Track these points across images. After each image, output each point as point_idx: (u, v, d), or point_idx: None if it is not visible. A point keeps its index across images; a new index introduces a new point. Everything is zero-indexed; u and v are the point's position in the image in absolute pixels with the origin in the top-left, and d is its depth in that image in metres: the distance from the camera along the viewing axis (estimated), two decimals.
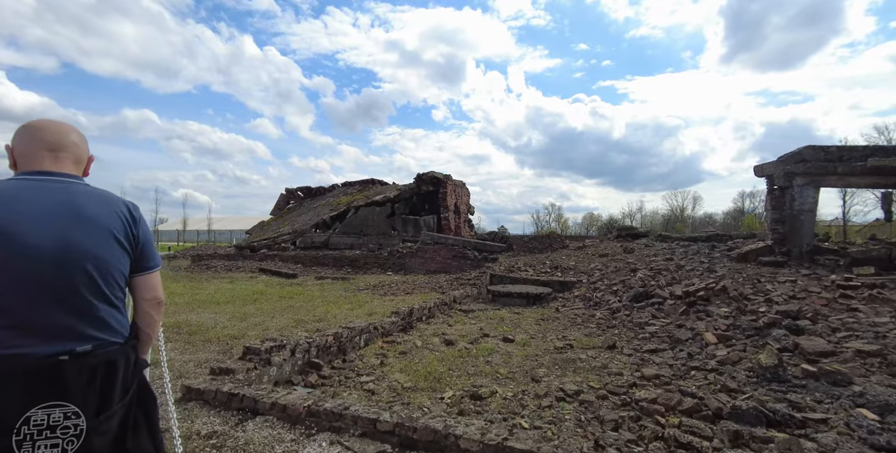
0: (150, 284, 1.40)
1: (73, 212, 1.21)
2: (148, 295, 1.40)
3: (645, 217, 67.43)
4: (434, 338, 5.41)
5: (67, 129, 1.36)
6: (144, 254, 1.37)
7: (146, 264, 1.38)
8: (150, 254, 1.39)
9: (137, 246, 1.34)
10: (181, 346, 4.90)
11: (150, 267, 1.40)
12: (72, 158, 1.34)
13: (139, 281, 1.38)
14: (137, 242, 1.34)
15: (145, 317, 1.41)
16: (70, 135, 1.35)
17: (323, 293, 9.76)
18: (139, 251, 1.35)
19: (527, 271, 10.70)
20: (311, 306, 7.86)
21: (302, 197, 25.07)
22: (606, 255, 11.15)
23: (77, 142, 1.37)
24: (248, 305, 7.94)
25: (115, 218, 1.28)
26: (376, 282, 12.00)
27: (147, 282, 1.40)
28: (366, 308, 7.70)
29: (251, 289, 10.27)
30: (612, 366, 4.18)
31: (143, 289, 1.39)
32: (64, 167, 1.30)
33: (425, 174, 17.92)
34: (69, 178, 1.29)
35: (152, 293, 1.41)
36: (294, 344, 3.94)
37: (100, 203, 1.27)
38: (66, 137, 1.34)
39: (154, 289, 1.41)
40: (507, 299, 8.37)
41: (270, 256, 17.56)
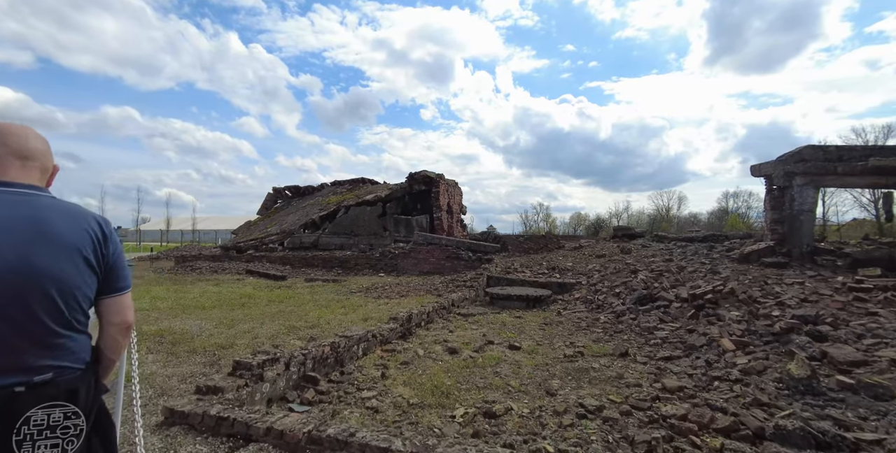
0: (119, 307, 1.29)
1: (36, 228, 1.10)
2: (116, 319, 1.29)
3: (631, 217, 68.14)
4: (436, 345, 5.13)
5: (34, 135, 1.24)
6: (114, 275, 1.26)
7: (115, 285, 1.27)
8: (121, 274, 1.29)
9: (107, 266, 1.23)
10: (163, 358, 4.53)
11: (120, 288, 1.29)
12: (39, 167, 1.23)
13: (107, 303, 1.27)
14: (107, 262, 1.23)
15: (111, 341, 1.31)
16: (37, 141, 1.24)
17: (314, 296, 9.40)
18: (108, 271, 1.24)
19: (524, 273, 10.48)
20: (302, 311, 7.51)
21: (290, 196, 24.52)
22: (604, 256, 10.99)
23: (44, 150, 1.25)
24: (235, 310, 7.55)
25: (84, 235, 1.17)
26: (369, 283, 11.66)
27: (116, 304, 1.28)
28: (360, 312, 7.38)
29: (238, 293, 9.86)
30: (629, 376, 3.95)
31: (111, 312, 1.28)
32: (30, 177, 1.19)
33: (418, 173, 17.61)
34: (34, 190, 1.18)
35: (121, 317, 1.30)
36: (288, 357, 3.62)
37: (67, 218, 1.17)
38: (34, 143, 1.22)
39: (123, 312, 1.30)
40: (506, 302, 8.12)
41: (258, 257, 17.07)
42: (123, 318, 1.30)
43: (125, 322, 1.31)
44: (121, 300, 1.29)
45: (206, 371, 4.09)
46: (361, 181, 22.71)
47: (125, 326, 1.31)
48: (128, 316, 1.31)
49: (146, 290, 10.01)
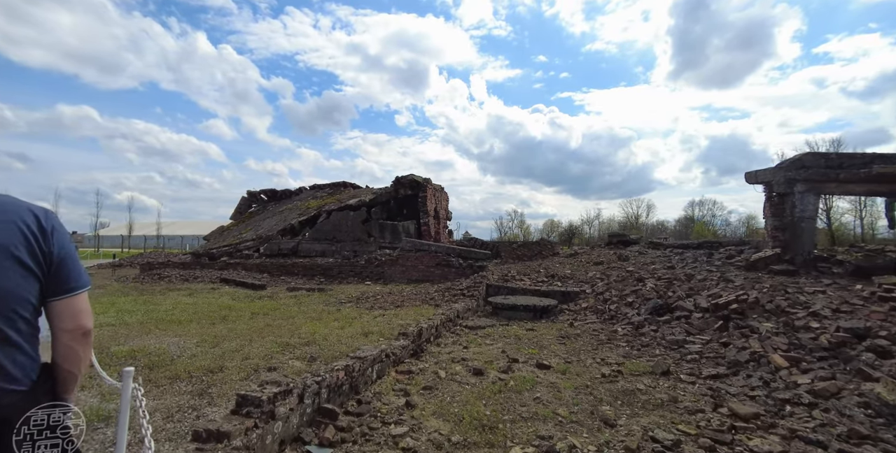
0: (72, 311, 1.14)
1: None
2: (69, 324, 1.13)
3: (602, 224, 69.77)
4: (455, 365, 4.60)
5: None
6: (62, 274, 1.12)
7: (66, 286, 1.13)
8: (71, 272, 1.13)
9: (51, 264, 1.09)
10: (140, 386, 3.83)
11: (72, 288, 1.14)
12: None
13: (57, 307, 1.12)
14: (50, 260, 1.09)
15: (66, 351, 1.14)
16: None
17: (301, 308, 8.69)
18: (54, 270, 1.10)
19: (523, 281, 10.08)
20: (292, 325, 6.83)
21: (266, 200, 23.42)
22: (602, 263, 10.73)
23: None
24: (217, 324, 6.79)
25: (14, 231, 1.04)
26: (357, 293, 10.99)
27: (68, 308, 1.13)
28: (357, 326, 6.76)
29: (216, 304, 9.02)
30: (684, 400, 3.55)
31: (63, 317, 1.13)
32: None
33: (404, 177, 17.06)
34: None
35: (76, 322, 1.14)
36: (302, 387, 3.03)
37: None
38: None
39: (77, 316, 1.14)
40: (511, 312, 7.67)
41: (232, 264, 16.06)
42: (78, 323, 1.13)
43: (80, 327, 1.14)
44: (73, 302, 1.13)
45: (195, 403, 3.44)
46: (343, 185, 21.92)
47: (81, 332, 1.14)
48: (82, 320, 1.14)
49: (111, 302, 9.03)
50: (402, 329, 5.77)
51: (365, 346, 4.35)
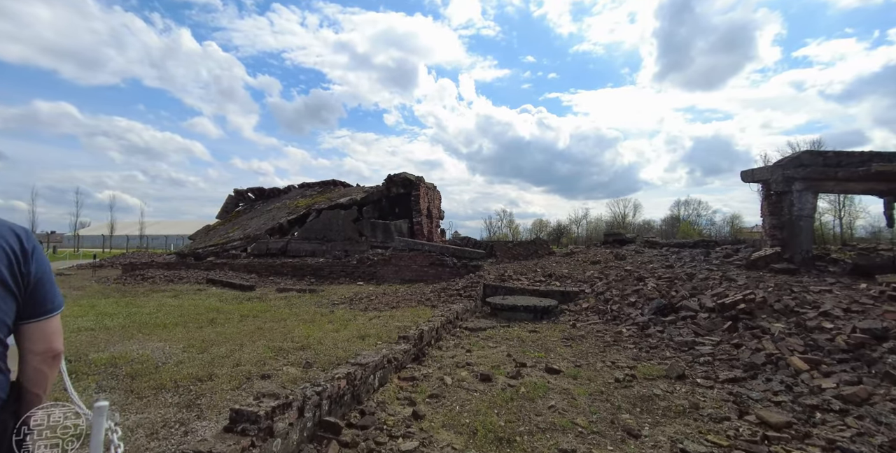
0: (43, 334, 1.09)
1: None
2: (39, 347, 1.08)
3: (590, 223, 70.48)
4: (460, 370, 4.38)
5: None
6: (37, 296, 1.08)
7: (40, 309, 1.08)
8: (46, 295, 1.10)
9: (28, 285, 1.05)
10: (122, 398, 3.52)
11: (46, 311, 1.09)
12: None
13: (30, 329, 1.07)
14: (28, 280, 1.05)
15: (35, 374, 1.09)
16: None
17: (293, 310, 8.37)
18: (31, 291, 1.06)
19: (520, 280, 9.89)
20: (284, 328, 6.53)
21: (253, 199, 22.88)
22: (599, 262, 10.61)
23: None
24: (204, 328, 6.46)
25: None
26: (350, 293, 10.69)
27: (40, 330, 1.08)
28: (352, 328, 6.49)
29: (203, 306, 8.65)
30: (706, 406, 3.37)
31: (34, 339, 1.08)
32: None
33: (397, 175, 16.77)
34: None
35: (46, 345, 1.09)
36: (301, 399, 2.77)
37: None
38: None
39: (49, 339, 1.09)
40: (510, 313, 7.47)
41: (219, 265, 15.60)
42: (49, 346, 1.11)
43: (51, 350, 1.11)
44: (46, 325, 1.11)
45: (182, 417, 3.15)
46: (332, 183, 21.51)
47: (51, 355, 1.11)
48: (54, 342, 1.12)
49: (90, 305, 8.60)
50: (401, 331, 5.52)
51: (365, 352, 4.09)
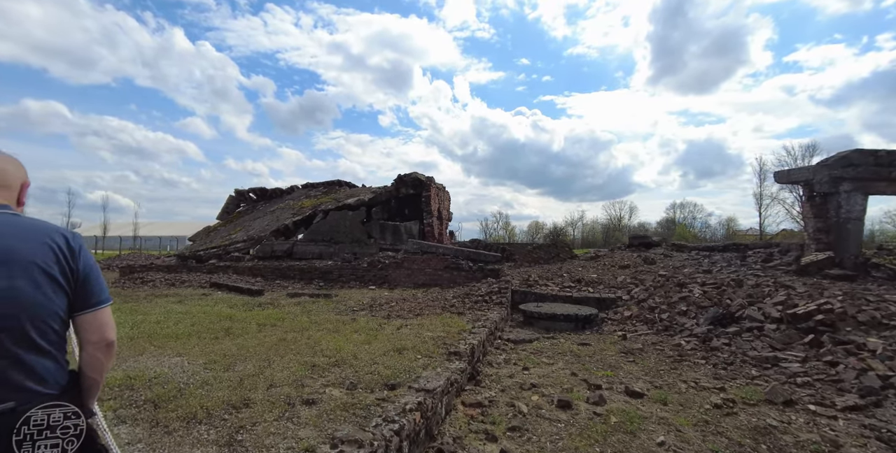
0: (96, 324, 1.19)
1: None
2: (94, 336, 1.18)
3: (586, 225, 70.56)
4: (528, 393, 3.84)
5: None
6: (87, 290, 1.18)
7: (90, 301, 1.19)
8: (95, 288, 1.20)
9: (77, 280, 1.16)
10: (146, 432, 2.94)
11: (96, 303, 1.20)
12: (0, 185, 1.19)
13: (83, 320, 1.18)
14: (76, 276, 1.16)
15: (92, 361, 1.20)
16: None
17: (311, 317, 7.79)
18: (80, 286, 1.17)
19: (547, 286, 9.38)
20: (309, 339, 5.95)
21: (255, 199, 22.21)
22: (628, 267, 10.12)
23: (3, 166, 1.25)
24: (222, 339, 5.86)
25: (46, 251, 1.11)
26: (366, 299, 10.12)
27: (93, 321, 1.19)
28: (383, 339, 5.94)
29: (213, 313, 8.05)
30: (845, 444, 2.86)
31: (89, 330, 1.18)
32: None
33: (407, 175, 16.23)
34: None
35: (99, 334, 1.19)
36: (382, 440, 2.22)
37: (27, 235, 1.12)
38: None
39: (102, 329, 1.20)
40: (549, 322, 6.95)
41: (222, 267, 14.96)
42: (102, 336, 1.19)
43: (104, 339, 1.20)
44: (97, 316, 1.19)
45: None
46: (338, 183, 20.91)
47: (105, 343, 1.20)
48: (107, 333, 1.20)
49: None
50: (438, 343, 4.99)
51: (427, 374, 3.54)
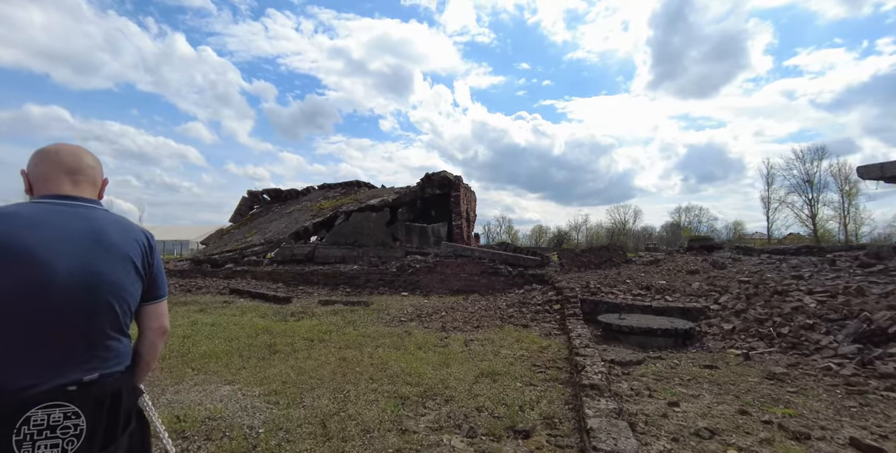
0: (158, 313, 1.36)
1: (96, 239, 1.17)
2: (155, 324, 1.35)
3: (590, 229, 69.82)
4: (715, 445, 2.86)
5: (83, 152, 1.31)
6: (156, 283, 1.34)
7: (157, 293, 1.34)
8: (162, 282, 1.36)
9: (150, 274, 1.30)
10: None
11: (161, 295, 1.37)
12: (90, 182, 1.29)
13: (149, 310, 1.33)
14: (151, 271, 1.30)
15: (150, 346, 1.34)
16: (86, 157, 1.30)
17: (359, 329, 6.83)
18: (151, 279, 1.31)
19: (613, 293, 8.40)
20: (373, 358, 5.00)
21: (269, 201, 21.29)
22: (697, 272, 9.14)
23: (93, 164, 1.31)
24: (271, 360, 4.89)
25: (135, 245, 1.25)
26: (408, 307, 9.15)
27: (156, 310, 1.35)
28: (461, 360, 4.98)
29: (245, 324, 7.08)
30: None
31: (152, 318, 1.34)
32: (83, 191, 1.26)
33: (435, 174, 15.30)
34: (89, 203, 1.24)
35: (159, 322, 1.36)
36: None
37: (120, 230, 1.24)
38: (83, 160, 1.29)
39: (161, 318, 1.37)
40: (642, 338, 5.97)
41: (240, 272, 14.01)
42: (161, 323, 1.35)
43: (163, 326, 1.36)
44: (160, 306, 1.36)
45: None
46: (356, 184, 19.99)
47: (162, 330, 1.36)
48: (165, 321, 1.37)
49: None
50: (531, 365, 4.03)
51: (594, 422, 2.56)
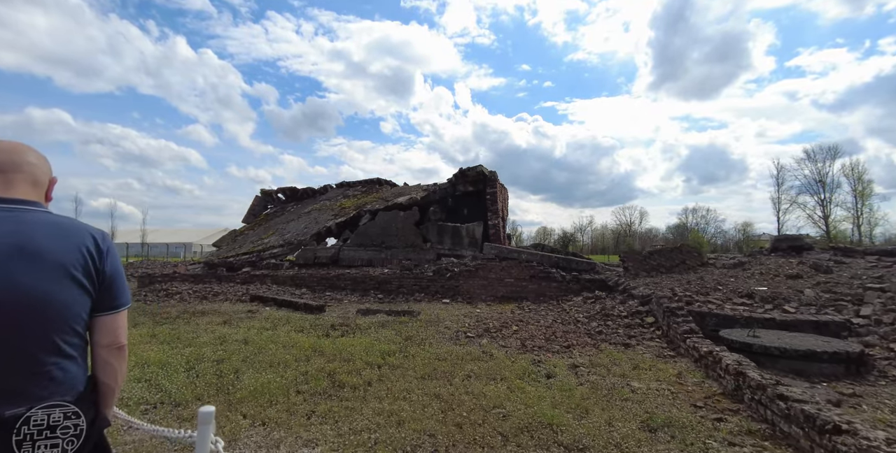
0: (109, 327, 1.14)
1: (20, 245, 1.00)
2: (105, 339, 1.14)
3: (595, 231, 68.87)
4: None
5: (22, 148, 1.14)
6: (111, 292, 1.13)
7: (111, 303, 1.14)
8: (117, 291, 1.15)
9: (102, 283, 1.11)
10: None
11: (115, 306, 1.15)
12: (28, 180, 1.11)
13: (99, 322, 1.13)
14: (102, 278, 1.11)
15: (104, 366, 1.15)
16: (25, 154, 1.13)
17: (424, 348, 5.56)
18: (105, 287, 1.12)
19: (712, 302, 7.11)
20: (475, 396, 3.72)
21: (284, 200, 20.09)
22: (800, 277, 7.86)
23: (34, 161, 1.15)
24: (345, 400, 3.61)
25: (74, 251, 1.06)
26: (464, 318, 7.88)
27: (107, 324, 1.14)
28: (596, 399, 3.73)
29: (286, 342, 5.81)
30: None
31: (101, 332, 1.13)
32: (16, 191, 1.08)
33: (470, 169, 14.07)
34: (22, 205, 1.07)
35: (110, 338, 1.14)
36: None
37: (58, 233, 1.06)
38: (21, 156, 1.12)
39: (114, 332, 1.15)
40: (797, 363, 4.71)
41: (258, 277, 12.75)
42: (114, 339, 1.14)
43: (116, 342, 1.15)
44: (113, 319, 1.15)
45: None
46: (377, 182, 18.77)
47: (116, 347, 1.15)
48: (119, 336, 1.15)
49: None
50: (695, 409, 2.77)
51: None
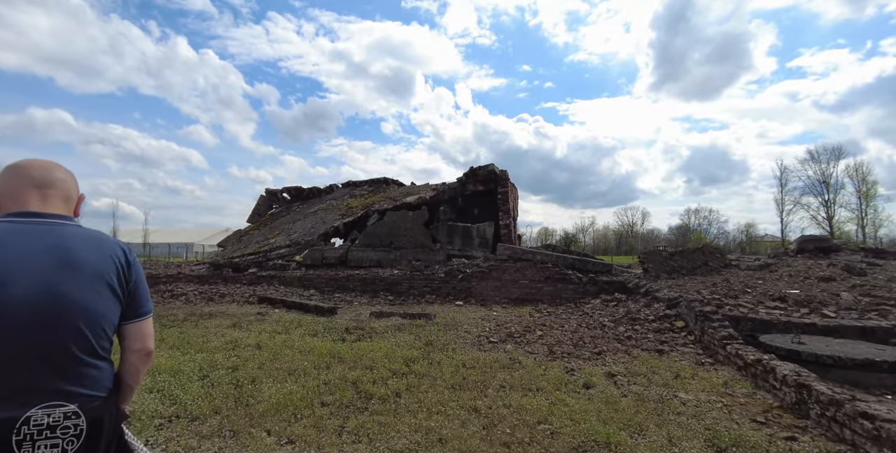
0: (140, 334, 1.24)
1: (63, 258, 1.08)
2: (136, 345, 1.23)
3: (597, 231, 68.63)
4: None
5: (54, 166, 1.23)
6: (136, 301, 1.23)
7: (137, 311, 1.23)
8: (143, 299, 1.25)
9: (129, 292, 1.20)
10: None
11: (142, 314, 1.24)
12: (61, 196, 1.20)
13: (129, 330, 1.23)
14: (128, 288, 1.20)
15: (131, 369, 1.25)
16: (57, 171, 1.22)
17: (448, 355, 5.26)
18: (130, 297, 1.21)
19: (743, 306, 6.80)
20: (514, 409, 3.42)
21: (289, 200, 19.80)
22: (833, 279, 7.54)
23: (65, 178, 1.23)
24: (375, 414, 3.31)
25: (109, 263, 1.16)
26: (483, 322, 7.57)
27: (137, 331, 1.24)
28: (646, 414, 3.42)
29: (299, 346, 5.51)
30: None
31: (132, 338, 1.23)
32: (52, 207, 1.17)
33: (480, 168, 13.76)
34: (59, 219, 1.15)
35: (141, 344, 1.24)
36: None
37: (93, 246, 1.15)
38: (53, 173, 1.20)
39: (144, 339, 1.25)
40: (849, 372, 4.39)
41: (265, 278, 12.46)
42: (143, 345, 1.25)
43: (145, 348, 1.25)
44: (142, 326, 1.24)
45: None
46: (384, 181, 18.48)
47: (145, 352, 1.25)
48: (148, 342, 1.26)
49: None
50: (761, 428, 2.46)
51: None
